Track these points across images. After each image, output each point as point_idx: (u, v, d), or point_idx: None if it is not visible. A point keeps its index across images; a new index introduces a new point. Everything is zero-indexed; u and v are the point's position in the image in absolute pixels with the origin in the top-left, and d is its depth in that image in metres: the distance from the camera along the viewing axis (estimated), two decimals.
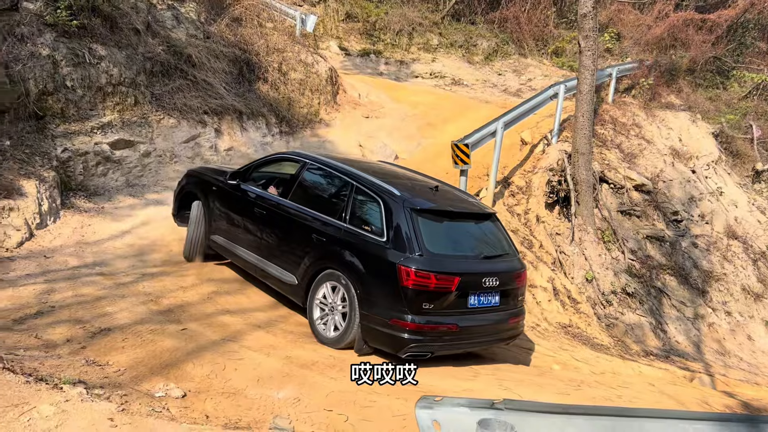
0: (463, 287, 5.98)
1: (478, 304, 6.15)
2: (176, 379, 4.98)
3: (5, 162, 8.49)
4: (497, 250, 6.65)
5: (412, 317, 5.74)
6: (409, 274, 5.71)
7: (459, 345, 6.34)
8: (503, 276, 6.36)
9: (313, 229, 6.52)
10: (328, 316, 6.31)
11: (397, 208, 6.06)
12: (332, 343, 6.19)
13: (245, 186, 7.48)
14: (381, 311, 5.84)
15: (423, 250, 5.85)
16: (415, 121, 15.37)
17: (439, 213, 6.38)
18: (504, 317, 6.49)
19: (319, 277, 6.38)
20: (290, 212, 6.84)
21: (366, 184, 6.43)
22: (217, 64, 12.51)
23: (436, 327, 5.89)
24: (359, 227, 6.24)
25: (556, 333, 9.07)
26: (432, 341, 5.95)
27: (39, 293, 6.54)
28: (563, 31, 22.67)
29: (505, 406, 2.33)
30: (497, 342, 6.83)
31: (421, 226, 5.98)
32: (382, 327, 5.84)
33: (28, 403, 3.17)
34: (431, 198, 6.49)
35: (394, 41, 20.96)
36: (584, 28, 10.93)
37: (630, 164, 12.94)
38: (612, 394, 6.52)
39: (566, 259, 10.27)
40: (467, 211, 6.73)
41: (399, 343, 5.79)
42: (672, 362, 9.38)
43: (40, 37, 9.61)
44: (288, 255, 6.75)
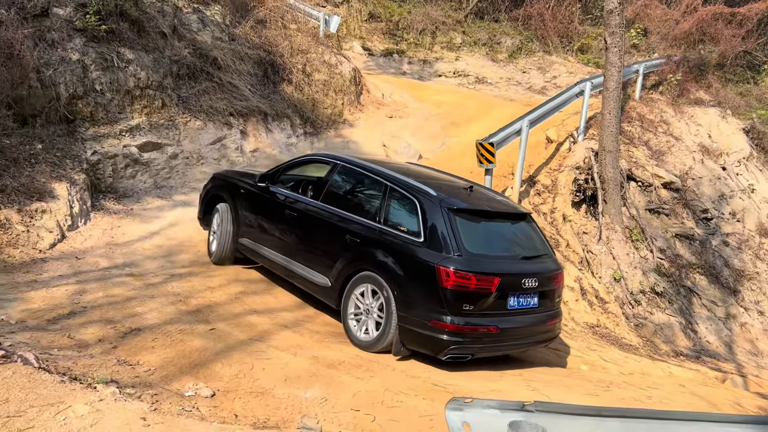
0: (503, 288, 5.90)
1: (518, 306, 6.07)
2: (205, 379, 5.04)
3: (37, 165, 8.67)
4: (535, 251, 6.57)
5: (452, 319, 5.66)
6: (448, 274, 5.63)
7: (499, 347, 6.25)
8: (542, 277, 6.26)
9: (347, 231, 6.46)
10: (364, 318, 6.25)
11: (433, 208, 6.00)
12: (368, 346, 6.11)
13: (274, 188, 7.46)
14: (419, 313, 5.77)
15: (462, 250, 5.79)
16: (439, 121, 15.33)
17: (476, 213, 6.31)
18: (542, 319, 6.39)
19: (354, 279, 6.30)
20: (322, 214, 6.80)
21: (401, 184, 6.38)
22: (242, 66, 12.62)
23: (476, 329, 5.82)
24: (395, 228, 6.19)
25: (584, 333, 8.97)
26: (472, 343, 5.87)
27: (71, 294, 6.67)
28: (588, 28, 22.40)
29: (536, 408, 2.31)
30: (536, 344, 6.72)
31: (459, 226, 5.92)
32: (420, 329, 5.76)
33: (64, 402, 3.24)
34: (466, 198, 6.43)
35: (417, 40, 20.92)
36: (610, 24, 10.79)
37: (658, 162, 12.74)
38: (642, 395, 6.42)
39: (593, 258, 10.15)
40: (503, 211, 6.68)
41: (438, 345, 5.73)
42: (703, 363, 9.21)
43: (69, 42, 9.79)
44: (320, 257, 6.70)
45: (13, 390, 3.32)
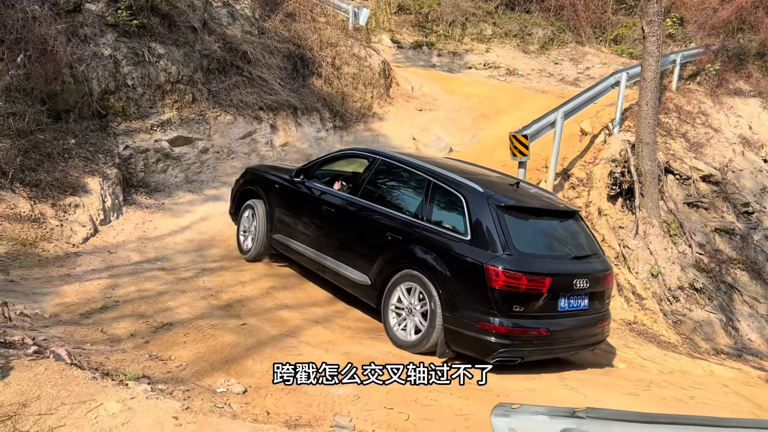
0: (554, 289, 5.67)
1: (568, 307, 5.84)
2: (237, 375, 4.99)
3: (71, 160, 8.74)
4: (585, 250, 6.33)
5: (501, 320, 5.46)
6: (498, 274, 5.43)
7: (549, 350, 6.05)
8: (593, 277, 6.03)
9: (388, 227, 6.27)
10: (406, 318, 6.05)
11: (481, 204, 5.79)
12: (410, 346, 5.91)
13: (310, 183, 7.31)
14: (467, 314, 5.57)
15: (512, 249, 5.57)
16: (470, 113, 15.12)
17: (524, 210, 6.06)
18: (592, 321, 6.16)
19: (396, 278, 6.11)
20: (361, 210, 6.63)
21: (445, 180, 6.16)
22: (272, 60, 12.58)
23: (527, 331, 5.62)
24: (439, 225, 5.99)
25: (621, 330, 8.74)
26: (521, 346, 5.67)
27: (104, 288, 6.69)
28: (622, 18, 21.89)
29: (587, 414, 2.17)
30: (585, 347, 6.51)
31: (507, 223, 5.70)
32: (467, 330, 5.56)
33: (95, 399, 3.20)
34: (513, 194, 6.22)
35: (446, 32, 20.68)
36: (648, 13, 10.48)
37: (696, 154, 12.37)
38: (684, 396, 6.22)
39: (630, 253, 9.89)
40: (551, 209, 6.46)
41: (487, 348, 5.52)
42: (745, 361, 8.91)
43: (102, 38, 9.85)
44: (359, 254, 6.52)
45: (45, 387, 3.29)
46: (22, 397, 3.18)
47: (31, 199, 7.88)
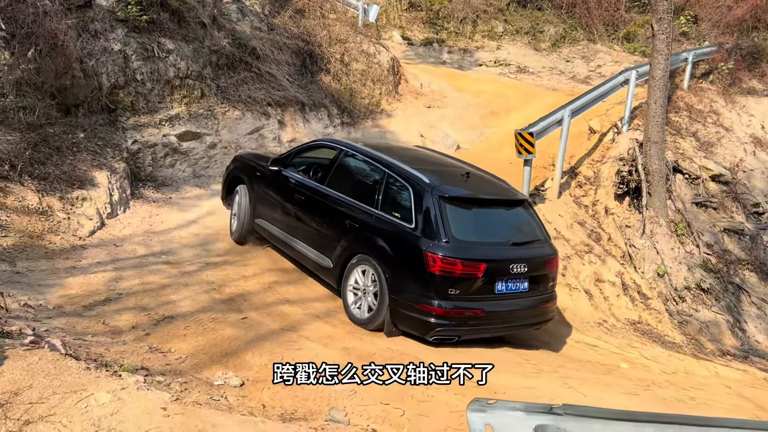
0: (490, 273, 6.07)
1: (506, 290, 6.24)
2: (235, 368, 5.03)
3: (79, 153, 8.83)
4: (527, 237, 6.74)
5: (439, 302, 5.88)
6: (435, 260, 5.84)
7: (486, 329, 6.44)
8: (532, 262, 6.40)
9: (347, 215, 6.71)
10: (361, 298, 6.49)
11: (425, 195, 6.17)
12: (364, 324, 6.39)
13: (286, 172, 7.70)
14: (409, 296, 5.99)
15: (450, 237, 5.98)
16: (478, 110, 15.07)
17: (468, 200, 6.47)
18: (534, 303, 6.56)
19: (353, 262, 6.54)
20: (327, 198, 7.04)
21: (397, 171, 6.58)
22: (281, 56, 12.61)
23: (463, 312, 6.03)
24: (390, 214, 6.39)
25: (625, 329, 8.70)
26: (458, 326, 6.10)
27: (108, 280, 6.76)
28: (635, 15, 21.69)
29: (564, 411, 2.17)
30: (527, 327, 6.94)
31: (448, 213, 6.09)
32: (410, 311, 6.00)
33: (86, 389, 3.24)
34: (461, 185, 6.62)
35: (457, 29, 20.61)
36: (658, 10, 10.39)
37: (706, 153, 12.25)
38: (684, 396, 6.18)
39: (636, 252, 9.82)
40: (497, 198, 6.81)
41: (426, 327, 5.97)
42: (751, 363, 8.83)
43: (112, 33, 9.93)
44: (324, 239, 6.96)
45: (38, 376, 3.34)
46: (14, 386, 3.23)
47: (39, 191, 7.97)
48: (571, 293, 8.84)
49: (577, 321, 8.38)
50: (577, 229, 9.84)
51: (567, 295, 8.80)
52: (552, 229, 9.57)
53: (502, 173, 11.30)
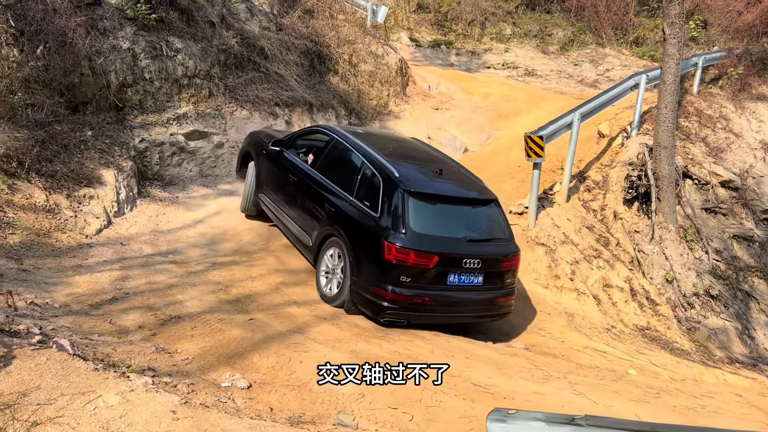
0: (442, 265, 6.42)
1: (458, 282, 6.57)
2: (242, 370, 4.99)
3: (87, 151, 8.80)
4: (486, 234, 7.09)
5: (392, 288, 6.30)
6: (391, 249, 6.26)
7: (435, 317, 6.76)
8: (486, 258, 6.73)
9: (327, 199, 7.21)
10: (331, 277, 6.97)
11: (392, 188, 6.57)
12: (329, 300, 6.92)
13: (286, 153, 8.26)
14: (366, 279, 6.45)
15: (407, 228, 6.36)
16: (486, 113, 15.00)
17: (433, 196, 6.80)
18: (488, 297, 6.89)
19: (327, 243, 7.04)
20: (314, 181, 7.55)
21: (373, 162, 7.00)
22: (289, 56, 12.58)
23: (412, 299, 6.40)
24: (362, 201, 6.83)
25: (633, 336, 8.63)
26: (407, 310, 6.46)
27: (114, 279, 6.73)
28: (644, 19, 21.59)
29: (586, 422, 2.11)
30: (481, 318, 7.31)
31: (410, 206, 6.47)
32: (366, 293, 6.44)
33: (95, 391, 3.20)
34: (430, 181, 6.98)
35: (465, 32, 20.56)
36: (669, 15, 10.30)
37: (716, 159, 12.16)
38: (695, 404, 6.11)
39: (645, 258, 9.74)
40: (462, 197, 7.10)
41: (378, 309, 6.42)
42: (760, 371, 8.74)
43: (120, 31, 9.91)
44: (308, 219, 7.48)
45: (46, 377, 3.30)
46: (22, 387, 3.19)
47: (47, 189, 7.95)
48: (579, 298, 8.78)
49: (585, 326, 8.32)
50: (586, 233, 9.77)
51: (575, 300, 8.74)
52: (560, 234, 9.51)
53: (511, 176, 11.32)
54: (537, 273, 8.96)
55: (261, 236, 8.93)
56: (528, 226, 9.54)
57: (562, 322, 8.27)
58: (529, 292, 8.67)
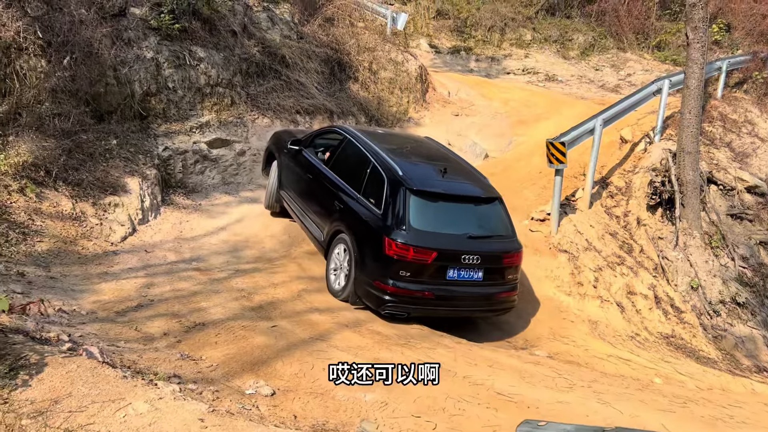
0: (441, 261, 6.63)
1: (458, 278, 6.77)
2: (266, 377, 5.02)
3: (112, 160, 8.94)
4: (487, 231, 7.19)
5: (393, 282, 6.54)
6: (391, 245, 6.51)
7: (435, 310, 6.98)
8: (486, 254, 6.89)
9: (337, 197, 7.48)
10: (339, 271, 7.24)
11: (396, 186, 6.82)
12: (336, 293, 7.21)
13: (304, 152, 8.60)
14: (369, 273, 6.71)
15: (408, 225, 6.60)
16: (507, 119, 14.96)
17: (435, 195, 6.98)
18: (489, 292, 7.06)
19: (336, 238, 7.31)
20: (327, 179, 7.85)
21: (379, 161, 7.24)
22: (310, 64, 12.67)
23: (412, 293, 6.63)
24: (368, 199, 7.08)
25: (657, 344, 8.51)
26: (407, 303, 6.70)
27: (139, 287, 6.81)
28: (666, 24, 21.39)
29: None
30: (481, 313, 7.52)
31: (412, 204, 6.71)
32: (368, 286, 6.72)
33: (124, 398, 3.24)
34: (433, 180, 7.16)
35: (485, 37, 20.54)
36: (693, 19, 10.20)
37: (741, 164, 11.99)
38: (723, 414, 6.01)
39: (669, 265, 9.62)
40: (465, 194, 7.27)
41: (379, 302, 6.69)
42: None
43: (145, 41, 10.06)
44: (321, 215, 7.78)
45: (77, 384, 3.36)
46: (53, 394, 3.25)
47: (73, 197, 8.08)
48: (602, 305, 8.69)
49: (609, 334, 8.24)
50: (609, 240, 9.68)
51: (599, 307, 8.66)
52: (583, 240, 9.44)
53: (532, 182, 11.26)
54: (560, 280, 8.89)
55: (283, 243, 8.99)
56: (550, 233, 9.48)
57: (585, 329, 8.19)
58: (551, 300, 8.60)
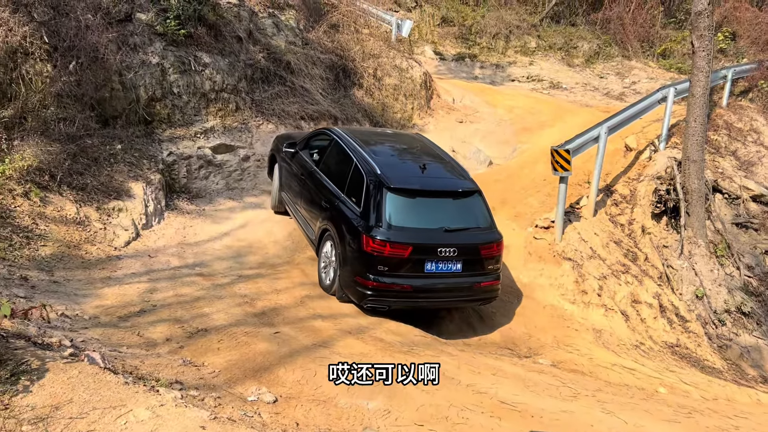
0: (418, 255, 6.82)
1: (436, 270, 6.94)
2: (268, 384, 5.00)
3: (116, 165, 8.95)
4: (464, 224, 7.33)
5: (373, 276, 6.76)
6: (369, 242, 6.72)
7: (416, 302, 7.22)
8: (463, 246, 7.05)
9: (325, 197, 7.73)
10: (328, 267, 7.49)
11: (374, 184, 7.02)
12: (326, 289, 7.51)
13: (299, 154, 8.88)
14: (351, 269, 6.95)
15: (384, 222, 6.81)
16: (511, 126, 14.95)
17: (412, 191, 7.14)
18: (468, 282, 7.19)
19: (324, 236, 7.58)
20: (317, 179, 8.13)
21: (361, 161, 7.46)
22: (315, 71, 12.69)
23: (391, 286, 6.83)
24: (350, 198, 7.30)
25: (662, 353, 8.45)
26: (387, 297, 6.91)
27: (142, 292, 6.80)
28: (671, 32, 21.40)
29: None
30: (463, 303, 7.72)
31: (389, 201, 6.91)
32: (351, 282, 6.96)
33: (125, 405, 3.22)
34: (411, 177, 7.35)
35: (490, 45, 20.57)
36: (699, 27, 10.18)
37: (747, 173, 11.95)
38: (728, 425, 5.96)
39: (674, 273, 9.58)
40: (442, 189, 7.42)
41: (361, 296, 6.90)
42: None
43: (150, 46, 10.09)
44: (312, 214, 8.08)
45: (78, 390, 3.34)
46: (54, 400, 3.23)
47: (77, 202, 8.08)
48: (606, 314, 8.64)
49: (613, 343, 8.18)
50: (613, 248, 9.63)
51: (603, 316, 8.61)
52: (587, 248, 9.40)
53: (537, 190, 11.24)
54: (564, 288, 8.85)
55: (286, 249, 8.98)
56: (554, 241, 9.45)
57: (589, 338, 8.14)
58: (555, 308, 8.56)
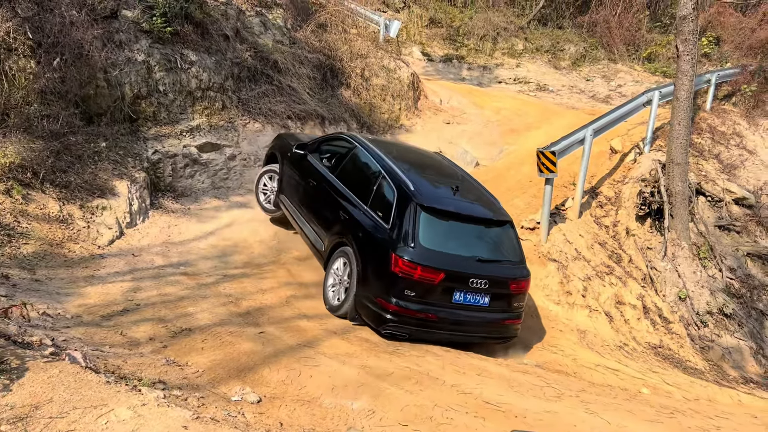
0: (448, 283, 6.35)
1: (464, 301, 6.50)
2: (252, 384, 4.97)
3: (100, 162, 8.86)
4: (496, 256, 6.93)
5: (396, 300, 6.26)
6: (398, 261, 6.23)
7: (437, 334, 6.61)
8: (494, 280, 6.60)
9: (342, 207, 7.20)
10: (338, 285, 6.97)
11: (406, 201, 6.55)
12: (334, 309, 6.91)
13: (310, 157, 8.30)
14: (371, 289, 6.43)
15: (416, 243, 6.32)
16: (498, 127, 15.02)
17: (445, 213, 6.68)
18: (494, 318, 6.77)
19: (338, 250, 7.02)
20: (332, 187, 7.57)
21: (390, 173, 6.98)
22: (302, 70, 12.65)
23: (415, 313, 6.34)
24: (375, 211, 6.80)
25: (645, 354, 8.53)
26: (409, 325, 6.40)
27: (126, 291, 6.74)
28: (657, 36, 21.62)
29: None
30: (485, 339, 7.06)
31: (422, 221, 6.43)
32: (370, 303, 6.43)
33: (107, 404, 3.19)
34: (444, 198, 6.89)
35: (477, 46, 20.65)
36: (683, 31, 10.29)
37: (730, 176, 12.09)
38: (710, 425, 6.02)
39: (658, 275, 9.66)
40: (476, 216, 6.97)
41: (379, 320, 6.38)
42: None
43: (136, 44, 10.00)
44: (322, 224, 7.50)
45: (58, 390, 3.30)
46: (34, 399, 3.19)
47: (60, 200, 7.99)
48: (591, 315, 8.71)
49: (597, 344, 8.25)
50: (598, 249, 9.70)
51: (587, 317, 8.67)
52: (572, 249, 9.46)
53: (522, 191, 11.29)
54: (549, 289, 8.90)
55: (272, 249, 8.94)
56: (540, 242, 9.50)
57: (573, 339, 8.20)
58: (540, 309, 8.61)
